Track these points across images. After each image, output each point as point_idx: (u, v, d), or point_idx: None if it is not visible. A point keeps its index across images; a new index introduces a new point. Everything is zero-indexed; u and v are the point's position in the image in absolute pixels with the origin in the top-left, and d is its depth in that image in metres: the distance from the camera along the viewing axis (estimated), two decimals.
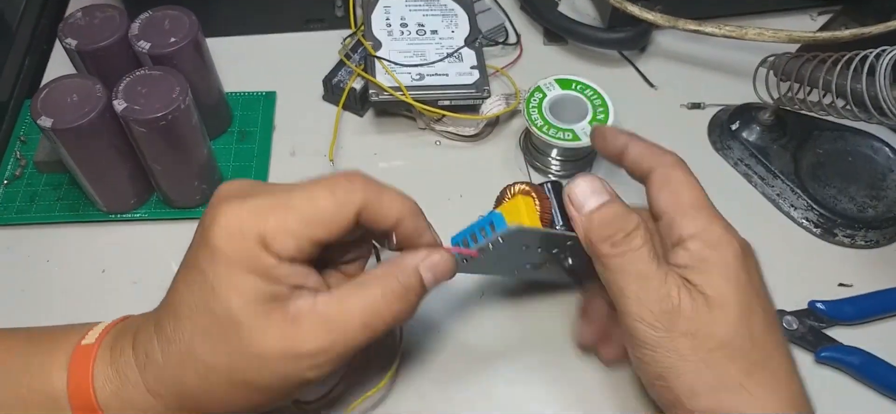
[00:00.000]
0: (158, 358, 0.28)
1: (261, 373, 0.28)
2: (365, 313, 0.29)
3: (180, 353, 0.28)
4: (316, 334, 0.28)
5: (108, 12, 0.42)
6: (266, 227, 0.27)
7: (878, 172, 0.45)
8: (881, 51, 0.38)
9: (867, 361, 0.37)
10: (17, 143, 0.46)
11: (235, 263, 0.27)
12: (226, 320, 0.27)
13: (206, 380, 0.28)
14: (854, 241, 0.42)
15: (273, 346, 0.27)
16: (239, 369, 0.28)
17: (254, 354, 0.27)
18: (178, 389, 0.28)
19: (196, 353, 0.28)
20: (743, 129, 0.46)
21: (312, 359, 0.28)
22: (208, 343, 0.28)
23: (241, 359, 0.28)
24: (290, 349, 0.28)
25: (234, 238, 0.27)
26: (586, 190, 0.32)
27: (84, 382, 0.28)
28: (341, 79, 0.48)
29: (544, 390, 0.37)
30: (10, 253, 0.42)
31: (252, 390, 0.28)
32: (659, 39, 0.54)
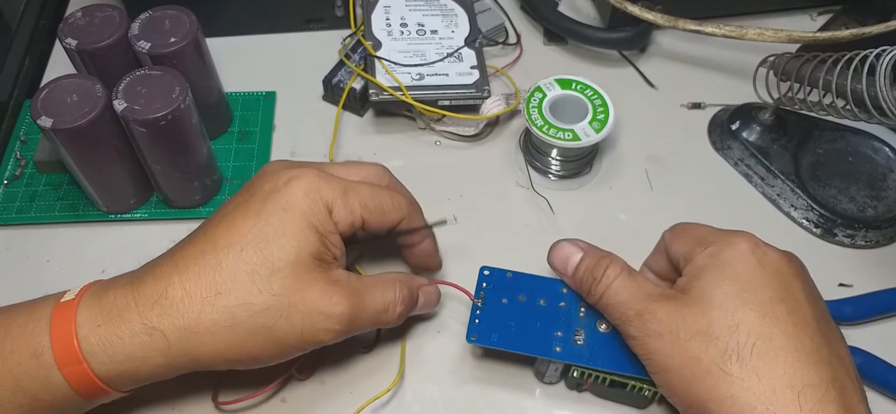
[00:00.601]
0: (177, 294, 0.29)
1: (290, 321, 0.30)
2: (381, 307, 0.33)
3: (212, 287, 0.29)
4: (346, 302, 0.31)
5: (107, 12, 0.41)
6: (335, 197, 0.32)
7: (878, 172, 0.45)
8: (881, 51, 0.38)
9: (867, 360, 0.37)
10: (17, 143, 0.46)
11: (307, 217, 0.31)
12: (280, 264, 0.30)
13: (232, 316, 0.29)
14: (854, 241, 0.42)
15: (312, 298, 0.30)
16: (271, 311, 0.30)
17: (292, 302, 0.30)
18: (190, 324, 0.29)
19: (232, 289, 0.29)
20: (743, 129, 0.46)
21: (335, 321, 0.31)
22: (250, 282, 0.30)
23: (278, 301, 0.30)
24: (324, 306, 0.31)
25: (310, 196, 0.31)
26: (563, 256, 0.36)
27: (67, 333, 0.29)
28: (341, 79, 0.48)
29: (550, 396, 0.37)
30: (10, 253, 0.42)
31: (269, 339, 0.30)
32: (659, 39, 0.54)
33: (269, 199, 0.31)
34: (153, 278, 0.30)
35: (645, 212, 0.44)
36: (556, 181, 0.45)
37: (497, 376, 0.37)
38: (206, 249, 0.30)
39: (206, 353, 0.30)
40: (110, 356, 0.29)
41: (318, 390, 0.37)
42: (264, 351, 0.31)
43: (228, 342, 0.30)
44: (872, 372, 0.37)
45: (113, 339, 0.29)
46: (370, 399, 0.35)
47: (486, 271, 0.37)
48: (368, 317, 0.33)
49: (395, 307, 0.34)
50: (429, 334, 0.39)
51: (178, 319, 0.29)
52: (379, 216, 0.34)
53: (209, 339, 0.30)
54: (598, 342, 0.35)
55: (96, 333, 0.29)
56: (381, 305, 0.33)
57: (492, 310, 0.36)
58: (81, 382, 0.29)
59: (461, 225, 0.43)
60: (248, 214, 0.31)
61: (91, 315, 0.29)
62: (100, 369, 0.29)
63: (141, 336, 0.29)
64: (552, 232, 0.43)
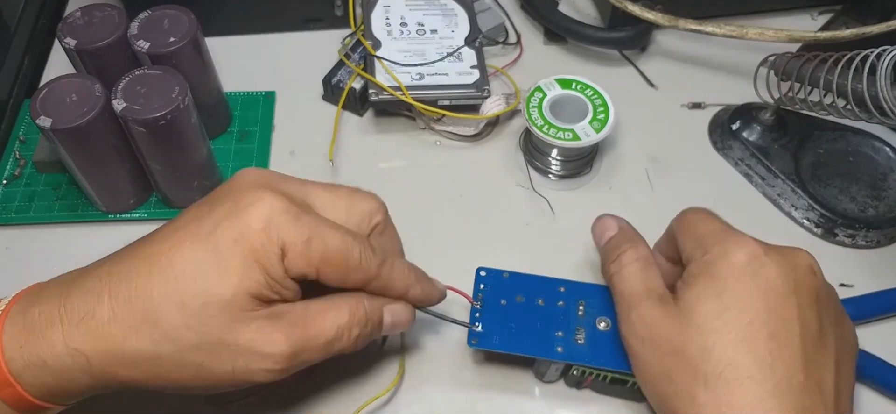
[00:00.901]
0: (104, 315, 0.27)
1: (219, 359, 0.28)
2: (330, 336, 0.30)
3: (139, 313, 0.27)
4: (286, 339, 0.29)
5: (107, 12, 0.41)
6: (295, 241, 0.28)
7: (879, 172, 0.45)
8: (882, 50, 0.38)
9: (868, 361, 0.37)
10: (16, 142, 0.46)
11: (256, 255, 0.28)
12: (215, 300, 0.27)
13: (156, 348, 0.27)
14: (855, 241, 0.42)
15: (247, 338, 0.28)
16: (200, 348, 0.28)
17: (222, 341, 0.28)
18: (114, 349, 0.27)
19: (160, 318, 0.27)
20: (743, 129, 0.46)
21: (272, 362, 0.28)
22: (181, 315, 0.27)
23: (207, 339, 0.28)
24: (259, 346, 0.28)
25: (266, 232, 0.28)
26: (601, 228, 0.36)
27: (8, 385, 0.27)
28: (341, 78, 0.48)
29: (548, 397, 0.37)
30: (9, 253, 0.42)
31: (197, 373, 0.28)
32: (659, 39, 0.54)
33: (223, 223, 0.28)
34: (83, 293, 0.28)
35: (645, 212, 0.44)
36: (556, 181, 0.45)
37: (496, 376, 0.37)
38: (141, 269, 0.28)
39: (129, 378, 0.28)
40: (37, 378, 0.28)
41: (318, 390, 0.37)
42: (195, 384, 0.29)
43: (153, 373, 0.28)
44: (872, 372, 0.37)
45: (36, 361, 0.27)
46: (369, 399, 0.35)
47: (482, 273, 0.37)
48: (316, 348, 0.30)
49: (350, 332, 0.30)
50: (429, 334, 0.39)
51: (101, 343, 0.27)
52: (339, 275, 0.30)
53: (131, 367, 0.28)
54: (599, 341, 0.35)
55: (20, 354, 0.27)
56: (332, 333, 0.30)
57: (491, 312, 0.36)
58: (18, 402, 0.28)
59: (461, 225, 0.43)
60: (197, 238, 0.28)
61: (15, 334, 0.28)
62: (31, 391, 0.28)
63: (64, 358, 0.27)
64: (552, 232, 0.43)
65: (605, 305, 0.35)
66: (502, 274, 0.37)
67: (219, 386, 0.29)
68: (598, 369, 0.34)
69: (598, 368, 0.34)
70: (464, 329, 0.35)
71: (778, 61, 0.44)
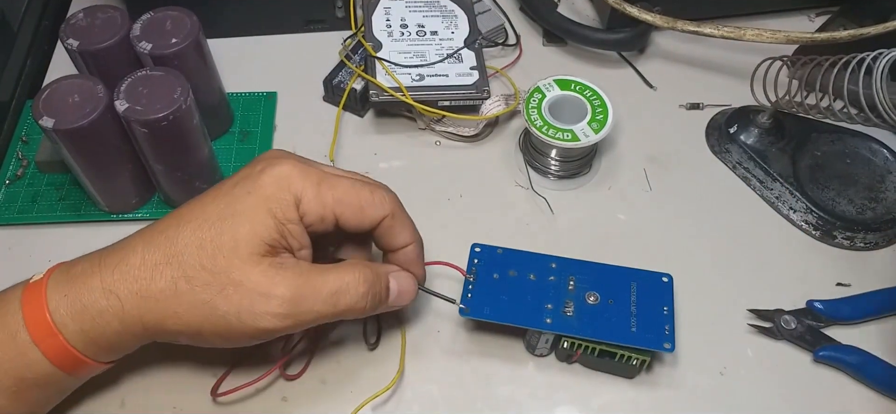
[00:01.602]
0: (136, 260, 0.31)
1: (228, 299, 0.30)
2: (334, 288, 0.32)
3: (164, 256, 0.30)
4: (289, 284, 0.31)
5: (109, 13, 0.42)
6: (306, 188, 0.32)
7: (876, 175, 0.45)
8: (878, 53, 0.38)
9: (865, 360, 0.37)
10: (19, 143, 0.46)
11: (267, 203, 0.31)
12: (228, 242, 0.30)
13: (175, 285, 0.30)
14: (853, 243, 0.43)
15: (253, 279, 0.30)
16: (210, 285, 0.30)
17: (231, 280, 0.30)
18: (141, 289, 0.30)
19: (180, 258, 0.30)
20: (741, 132, 0.47)
21: (275, 304, 0.30)
22: (197, 256, 0.30)
23: (217, 277, 0.30)
24: (263, 286, 0.30)
25: (278, 183, 0.31)
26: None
27: (39, 306, 0.30)
28: (342, 79, 0.48)
29: (546, 390, 0.37)
30: (12, 253, 0.42)
31: (209, 315, 0.30)
32: (658, 40, 0.54)
33: (240, 183, 0.32)
34: (120, 246, 0.32)
35: (644, 212, 0.45)
36: (555, 181, 0.46)
37: (498, 375, 0.38)
38: (171, 222, 0.31)
39: (153, 320, 0.31)
40: (78, 323, 0.30)
41: (319, 389, 0.37)
42: (203, 326, 0.31)
43: (170, 311, 0.30)
44: (870, 371, 0.37)
45: (77, 305, 0.30)
46: (370, 397, 0.36)
47: (477, 248, 0.38)
48: (320, 300, 0.31)
49: (357, 287, 0.32)
50: (429, 334, 0.39)
51: (131, 284, 0.30)
52: (355, 213, 0.33)
53: (155, 305, 0.30)
54: (587, 313, 0.36)
55: (64, 302, 0.30)
56: (334, 285, 0.32)
57: (483, 285, 0.37)
58: (59, 355, 0.30)
59: (461, 225, 0.43)
60: (218, 195, 0.32)
61: (59, 286, 0.31)
62: (73, 339, 0.30)
63: (100, 300, 0.30)
64: (551, 232, 0.43)
65: (594, 281, 0.37)
66: (496, 250, 0.38)
67: (229, 331, 0.31)
68: (585, 341, 0.35)
69: (585, 339, 0.35)
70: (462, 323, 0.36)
71: (774, 64, 0.44)
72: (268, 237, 0.31)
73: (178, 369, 0.37)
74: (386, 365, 0.38)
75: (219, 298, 0.30)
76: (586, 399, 0.37)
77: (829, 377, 0.38)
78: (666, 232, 0.43)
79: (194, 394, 0.36)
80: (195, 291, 0.30)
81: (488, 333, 0.39)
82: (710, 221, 0.44)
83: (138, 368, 0.37)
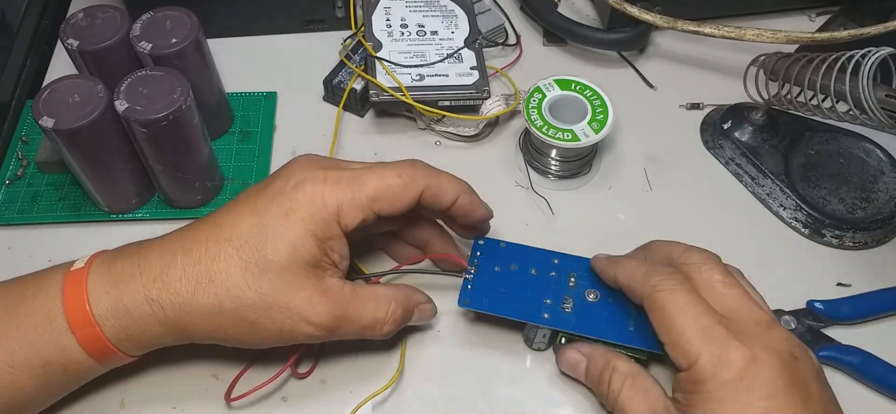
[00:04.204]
0: (177, 273, 0.31)
1: (271, 318, 0.32)
2: (371, 320, 0.34)
3: (206, 274, 0.31)
4: (330, 313, 0.32)
5: (109, 13, 0.42)
6: (342, 201, 0.32)
7: (869, 175, 0.45)
8: (867, 51, 0.38)
9: (865, 360, 0.37)
10: (19, 143, 0.46)
11: (306, 225, 0.32)
12: (273, 266, 0.31)
13: (220, 303, 0.31)
14: (842, 242, 0.43)
15: (297, 304, 0.32)
16: (256, 307, 0.32)
17: (277, 303, 0.32)
18: (184, 303, 0.31)
19: (225, 279, 0.31)
20: (735, 128, 0.47)
21: (314, 329, 0.32)
22: (244, 276, 0.31)
23: (263, 301, 0.31)
24: (307, 313, 0.32)
25: (314, 203, 0.32)
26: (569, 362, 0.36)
27: (80, 297, 0.31)
28: (342, 79, 0.48)
29: (546, 390, 0.37)
30: (12, 253, 0.42)
31: (252, 329, 0.32)
32: (658, 40, 0.54)
33: (275, 200, 0.32)
34: (160, 252, 0.32)
35: (644, 212, 0.45)
36: (555, 181, 0.46)
37: (498, 374, 0.38)
38: (210, 235, 0.32)
39: (196, 330, 0.32)
40: (118, 320, 0.31)
41: (319, 388, 0.37)
42: (245, 337, 0.33)
43: (215, 325, 0.32)
44: (871, 371, 0.37)
45: (119, 306, 0.31)
46: (370, 396, 0.36)
47: (480, 242, 0.38)
48: (353, 330, 0.34)
49: (383, 326, 0.34)
50: (429, 333, 0.39)
51: (174, 297, 0.31)
52: (392, 203, 0.34)
53: (199, 319, 0.32)
54: (586, 310, 0.36)
55: (105, 299, 0.31)
56: (368, 321, 0.34)
57: (484, 277, 0.37)
58: (93, 345, 0.31)
59: None
60: (254, 211, 0.33)
61: (100, 282, 0.32)
62: (110, 333, 0.31)
63: (143, 306, 0.31)
64: (552, 232, 0.43)
65: (596, 278, 0.37)
66: (499, 243, 0.38)
67: (267, 341, 0.33)
68: (581, 337, 0.35)
69: (581, 335, 0.35)
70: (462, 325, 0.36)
71: (767, 61, 0.44)
72: (311, 259, 0.32)
73: (178, 369, 0.37)
74: (386, 364, 0.38)
75: (263, 318, 0.32)
76: (585, 397, 0.37)
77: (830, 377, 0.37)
78: (666, 232, 0.43)
79: (194, 394, 0.36)
80: (240, 310, 0.32)
81: (488, 331, 0.39)
82: (710, 221, 0.44)
83: (138, 368, 0.37)
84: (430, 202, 0.35)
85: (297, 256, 0.32)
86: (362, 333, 0.34)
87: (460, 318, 0.39)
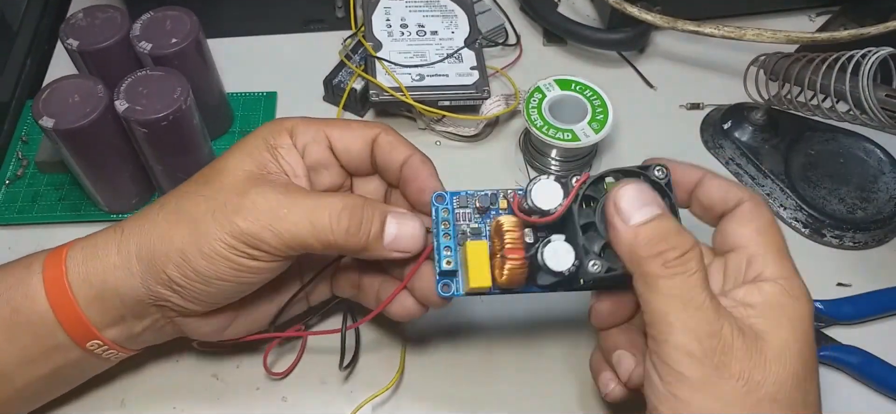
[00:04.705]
0: (147, 221, 0.31)
1: (207, 199, 0.30)
2: (314, 203, 0.30)
3: (174, 208, 0.31)
4: (266, 190, 0.30)
5: (109, 13, 0.42)
6: (297, 121, 0.33)
7: (869, 175, 0.45)
8: (867, 51, 0.38)
9: (866, 360, 0.37)
10: (19, 143, 0.46)
11: (261, 135, 0.32)
12: (219, 166, 0.32)
13: (161, 204, 0.31)
14: (842, 242, 0.43)
15: (230, 182, 0.31)
16: (191, 195, 0.31)
17: (213, 186, 0.31)
18: (153, 242, 0.31)
19: (176, 193, 0.32)
20: (735, 128, 0.47)
21: (250, 204, 0.30)
22: (192, 182, 0.32)
23: (201, 189, 0.31)
24: (240, 188, 0.30)
25: (271, 123, 0.33)
26: (636, 199, 0.28)
27: (58, 271, 0.31)
28: (342, 79, 0.48)
29: (546, 389, 0.37)
30: (12, 253, 0.42)
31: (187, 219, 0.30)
32: (658, 40, 0.54)
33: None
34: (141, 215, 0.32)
35: None
36: None
37: (497, 373, 0.37)
38: (181, 187, 0.33)
39: (143, 243, 0.31)
40: (85, 264, 0.31)
41: (319, 388, 0.37)
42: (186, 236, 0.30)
43: (159, 230, 0.31)
44: (871, 371, 0.37)
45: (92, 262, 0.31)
46: (370, 397, 0.36)
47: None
48: (296, 212, 0.30)
49: (335, 205, 0.30)
50: (429, 334, 0.39)
51: (146, 241, 0.31)
52: (344, 132, 0.34)
53: (147, 223, 0.31)
54: None
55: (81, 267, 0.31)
56: (314, 200, 0.30)
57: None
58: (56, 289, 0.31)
59: None
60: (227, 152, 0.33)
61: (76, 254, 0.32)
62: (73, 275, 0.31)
63: (115, 256, 0.31)
64: None
65: None
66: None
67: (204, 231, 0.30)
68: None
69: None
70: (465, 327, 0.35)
71: (767, 61, 0.44)
72: (260, 159, 0.32)
73: (178, 369, 0.37)
74: (386, 365, 0.38)
75: (198, 201, 0.31)
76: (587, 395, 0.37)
77: (830, 377, 0.38)
78: None
79: (194, 394, 0.36)
80: (180, 200, 0.31)
81: (489, 331, 0.39)
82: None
83: (138, 368, 0.37)
84: (382, 157, 0.34)
85: (245, 154, 0.32)
86: (309, 222, 0.30)
87: (460, 318, 0.39)
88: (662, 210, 0.28)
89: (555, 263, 0.29)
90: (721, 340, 0.26)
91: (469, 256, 0.31)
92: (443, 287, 0.31)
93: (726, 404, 0.26)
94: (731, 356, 0.26)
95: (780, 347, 0.27)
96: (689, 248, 0.27)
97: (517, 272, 0.30)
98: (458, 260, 0.31)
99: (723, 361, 0.26)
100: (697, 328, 0.26)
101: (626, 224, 0.28)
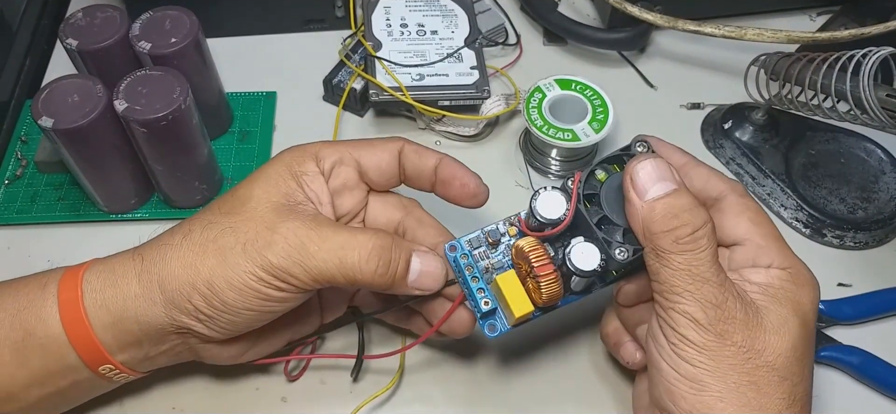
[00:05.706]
0: (169, 249, 0.31)
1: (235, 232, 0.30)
2: (343, 241, 0.30)
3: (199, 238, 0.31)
4: (295, 226, 0.30)
5: (108, 13, 0.42)
6: (322, 145, 0.34)
7: (870, 175, 0.45)
8: (868, 51, 0.38)
9: (866, 360, 0.37)
10: (18, 143, 0.46)
11: (285, 162, 0.32)
12: (242, 194, 0.32)
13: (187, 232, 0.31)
14: (843, 242, 0.43)
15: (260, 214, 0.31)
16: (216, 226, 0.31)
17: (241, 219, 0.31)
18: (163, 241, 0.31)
19: (200, 218, 0.31)
20: (736, 128, 0.47)
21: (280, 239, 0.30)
22: (217, 208, 0.31)
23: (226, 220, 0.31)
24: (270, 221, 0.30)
25: (294, 149, 0.33)
26: (652, 174, 0.29)
27: (75, 273, 0.31)
28: (341, 79, 0.48)
29: (547, 389, 0.37)
30: (12, 253, 0.42)
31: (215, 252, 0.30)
32: (658, 40, 0.54)
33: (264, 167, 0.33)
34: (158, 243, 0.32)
35: None
36: (555, 181, 0.46)
37: (498, 374, 0.37)
38: (199, 215, 0.32)
39: (167, 273, 0.30)
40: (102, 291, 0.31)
41: (319, 389, 0.37)
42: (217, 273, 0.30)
43: (184, 260, 0.30)
44: (871, 371, 0.37)
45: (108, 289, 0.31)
46: (370, 397, 0.36)
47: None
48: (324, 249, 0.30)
49: (365, 245, 0.30)
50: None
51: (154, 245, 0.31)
52: (369, 152, 0.34)
53: (172, 253, 0.31)
54: None
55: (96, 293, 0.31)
56: (343, 239, 0.30)
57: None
58: (90, 350, 0.30)
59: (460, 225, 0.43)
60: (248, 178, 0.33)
61: (92, 278, 0.31)
62: (100, 332, 0.30)
63: (131, 283, 0.31)
64: None
65: None
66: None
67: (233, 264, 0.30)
68: None
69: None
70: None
71: (768, 61, 0.44)
72: (286, 187, 0.32)
73: (177, 369, 0.37)
74: (386, 365, 0.37)
75: (225, 234, 0.30)
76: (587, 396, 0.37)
77: (831, 377, 0.38)
78: None
79: (194, 394, 0.36)
80: (205, 231, 0.31)
81: None
82: None
83: None
84: (411, 168, 0.34)
85: (271, 189, 0.31)
86: (338, 259, 0.30)
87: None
88: (678, 185, 0.29)
89: (585, 262, 0.30)
90: (725, 310, 0.28)
91: (503, 288, 0.31)
92: (489, 328, 0.31)
93: (727, 367, 0.27)
94: (733, 326, 0.28)
95: (781, 322, 0.28)
96: (701, 225, 0.28)
97: (553, 287, 0.30)
98: (492, 297, 0.32)
99: (726, 330, 0.28)
100: (703, 299, 0.28)
101: (642, 198, 0.29)
